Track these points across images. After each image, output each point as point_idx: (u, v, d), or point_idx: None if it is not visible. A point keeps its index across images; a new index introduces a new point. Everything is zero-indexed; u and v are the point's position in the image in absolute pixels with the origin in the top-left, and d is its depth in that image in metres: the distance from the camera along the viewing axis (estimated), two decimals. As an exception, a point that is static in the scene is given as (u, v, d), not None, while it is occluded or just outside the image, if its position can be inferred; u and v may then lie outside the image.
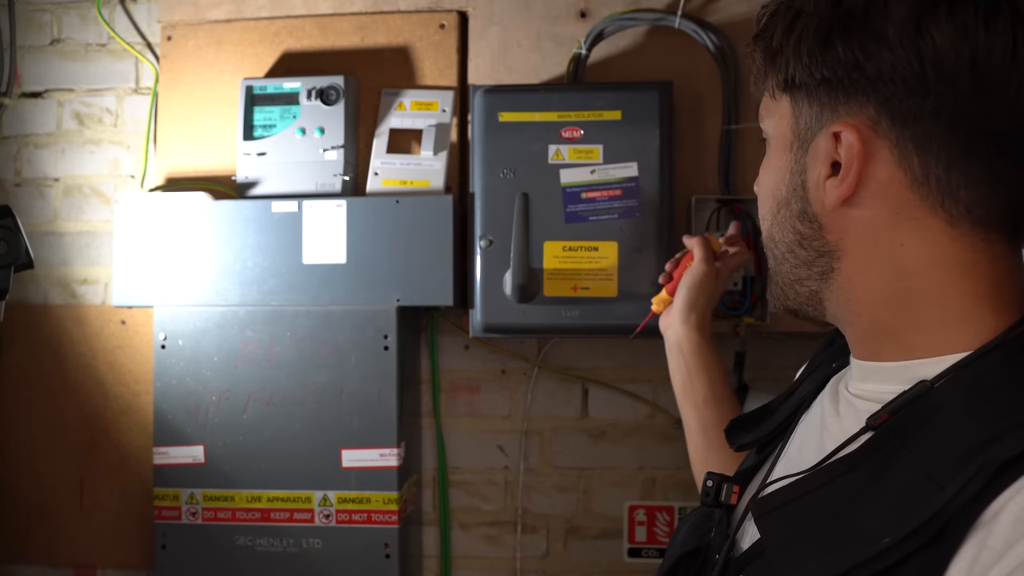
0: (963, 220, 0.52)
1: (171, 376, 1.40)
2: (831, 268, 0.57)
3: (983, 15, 0.48)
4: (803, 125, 0.56)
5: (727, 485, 0.67)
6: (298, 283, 1.37)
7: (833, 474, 0.53)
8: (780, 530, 0.53)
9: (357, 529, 1.36)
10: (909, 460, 0.49)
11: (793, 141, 0.57)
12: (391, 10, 1.48)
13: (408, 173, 1.43)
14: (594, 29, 1.41)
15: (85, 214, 1.59)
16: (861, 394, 0.59)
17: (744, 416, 0.77)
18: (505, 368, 1.52)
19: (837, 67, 0.52)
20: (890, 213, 0.53)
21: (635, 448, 1.49)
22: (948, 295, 0.53)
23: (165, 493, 1.40)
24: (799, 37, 0.54)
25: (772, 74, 0.57)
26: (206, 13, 1.50)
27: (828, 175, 0.55)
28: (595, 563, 1.50)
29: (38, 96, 1.61)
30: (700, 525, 0.69)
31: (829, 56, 0.52)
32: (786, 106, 0.58)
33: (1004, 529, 0.44)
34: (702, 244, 1.09)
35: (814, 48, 0.53)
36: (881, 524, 0.48)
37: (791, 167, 0.58)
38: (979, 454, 0.46)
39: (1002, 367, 0.51)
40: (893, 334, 0.56)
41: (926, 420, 0.51)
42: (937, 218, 0.53)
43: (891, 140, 0.52)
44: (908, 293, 0.54)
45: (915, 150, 0.51)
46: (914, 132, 0.51)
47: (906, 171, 0.52)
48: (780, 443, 0.69)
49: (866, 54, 0.51)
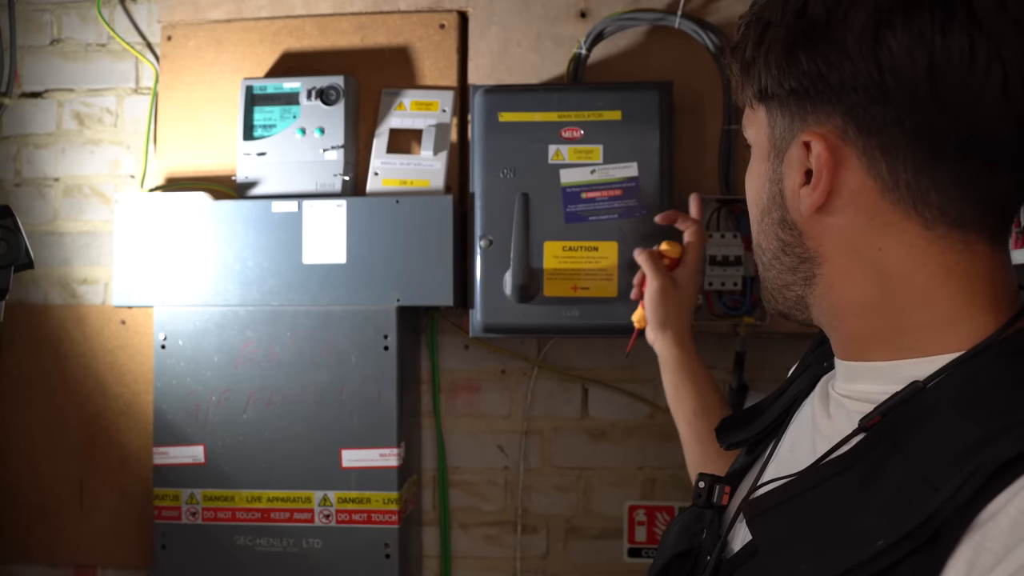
0: (938, 223, 0.52)
1: (171, 376, 1.40)
2: (813, 274, 0.58)
3: (939, 21, 0.48)
4: (778, 135, 0.57)
5: (719, 486, 0.67)
6: (298, 283, 1.37)
7: (826, 475, 0.53)
8: (772, 532, 0.53)
9: (357, 529, 1.36)
10: (903, 461, 0.49)
11: (770, 150, 0.58)
12: (391, 10, 1.48)
13: (408, 173, 1.43)
14: (594, 29, 1.41)
15: (85, 214, 1.59)
16: (850, 394, 0.59)
17: (734, 415, 0.77)
18: (505, 368, 1.52)
19: (803, 78, 0.53)
20: (864, 219, 0.54)
21: (635, 448, 1.49)
22: (933, 297, 0.53)
23: (165, 493, 1.40)
24: (768, 49, 0.54)
25: (748, 85, 0.58)
26: (206, 13, 1.50)
27: (802, 183, 0.55)
28: (595, 563, 1.50)
29: (38, 96, 1.61)
30: (691, 526, 0.69)
31: (795, 67, 0.53)
32: (763, 116, 0.58)
33: (1002, 532, 0.43)
34: (648, 260, 1.09)
35: (781, 59, 0.54)
36: (875, 526, 0.47)
37: (769, 176, 0.59)
38: (974, 455, 0.45)
39: (996, 366, 0.51)
40: (882, 336, 0.56)
41: (919, 421, 0.50)
42: (912, 222, 0.53)
43: (858, 148, 0.52)
44: (892, 297, 0.54)
45: (882, 157, 0.52)
46: (880, 140, 0.51)
47: (875, 178, 0.52)
48: (771, 443, 0.68)
49: (828, 64, 0.51)
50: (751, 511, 0.55)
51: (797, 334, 1.37)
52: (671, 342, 1.07)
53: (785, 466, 0.61)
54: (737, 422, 0.75)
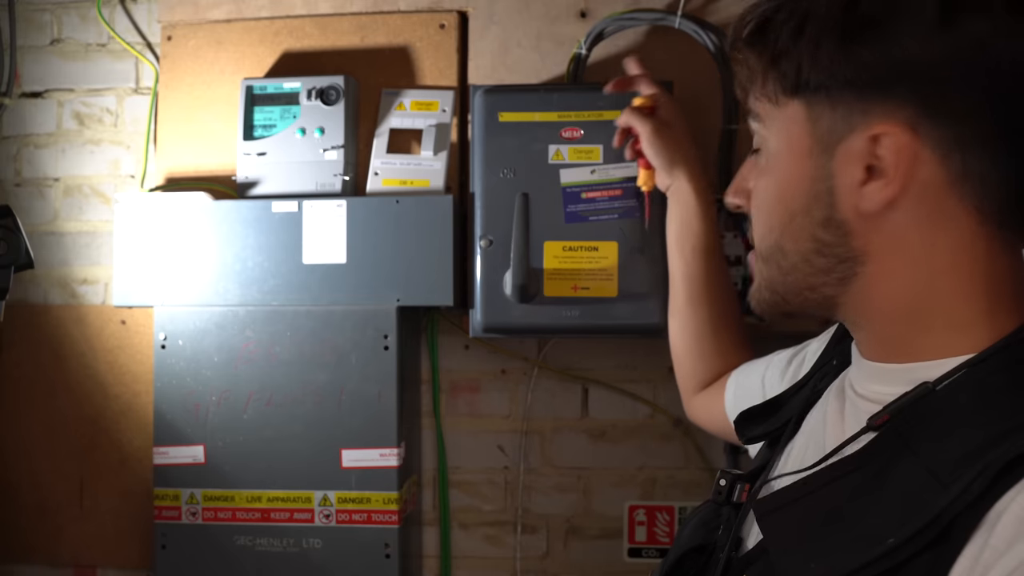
0: (992, 220, 0.52)
1: (171, 376, 1.40)
2: (853, 273, 0.56)
3: (1017, 9, 0.48)
4: (826, 128, 0.55)
5: (740, 484, 0.67)
6: (298, 283, 1.37)
7: (836, 474, 0.53)
8: (783, 530, 0.53)
9: (357, 529, 1.36)
10: (912, 460, 0.49)
11: (812, 146, 0.56)
12: (391, 10, 1.48)
13: (408, 173, 1.43)
14: (594, 29, 1.41)
15: (85, 214, 1.59)
16: (866, 395, 0.59)
17: (754, 408, 0.76)
18: (505, 368, 1.52)
19: (864, 69, 0.51)
20: (927, 213, 0.53)
21: (635, 448, 1.49)
22: (966, 295, 0.53)
23: (165, 493, 1.40)
24: (815, 40, 0.53)
25: (775, 78, 0.56)
26: (206, 13, 1.50)
27: (864, 179, 0.54)
28: (595, 563, 1.50)
29: (38, 96, 1.61)
30: (708, 521, 0.69)
31: (853, 58, 0.52)
32: (797, 111, 0.56)
33: (1006, 528, 0.43)
34: (632, 112, 1.14)
35: (835, 50, 0.52)
36: (884, 524, 0.47)
37: (811, 174, 0.56)
38: (983, 454, 0.46)
39: (1006, 369, 0.51)
40: (904, 337, 0.56)
41: (929, 421, 0.51)
42: (971, 218, 0.52)
43: (932, 139, 0.51)
44: (930, 295, 0.54)
45: (957, 149, 0.51)
46: (956, 131, 0.51)
47: (948, 170, 0.52)
48: (787, 440, 0.68)
49: (897, 53, 0.50)
50: (761, 509, 0.55)
51: (797, 334, 1.36)
52: (686, 177, 1.08)
53: (798, 464, 0.62)
54: (757, 416, 0.75)
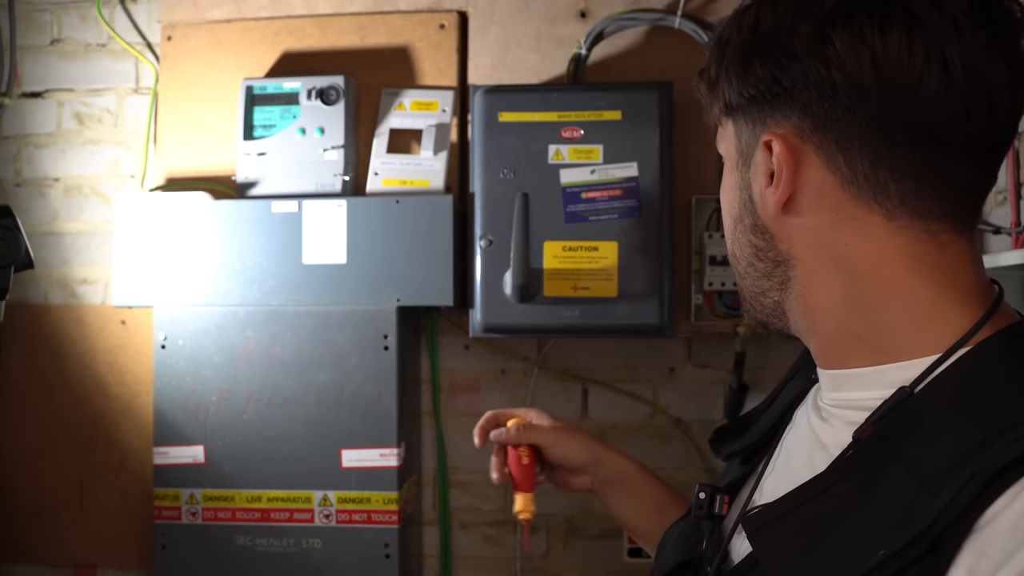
0: (900, 213, 0.53)
1: (171, 376, 1.40)
2: (788, 277, 0.59)
3: (877, 20, 0.51)
4: (743, 143, 0.60)
5: (719, 496, 0.67)
6: (298, 283, 1.37)
7: (823, 486, 0.53)
8: (774, 545, 0.53)
9: (357, 529, 1.36)
10: (899, 468, 0.49)
11: (738, 159, 0.61)
12: (391, 10, 1.48)
13: (408, 173, 1.43)
14: (594, 29, 1.41)
15: (85, 214, 1.59)
16: (837, 403, 0.59)
17: (728, 425, 0.77)
18: (505, 368, 1.52)
19: (759, 84, 0.56)
20: (829, 215, 0.55)
21: (635, 448, 1.49)
22: (902, 290, 0.54)
23: (165, 493, 1.40)
24: (727, 64, 0.58)
25: (714, 102, 0.62)
26: (206, 13, 1.50)
27: (767, 185, 0.57)
28: (595, 563, 1.50)
29: (38, 96, 1.61)
30: (689, 536, 0.70)
31: (750, 75, 0.56)
32: (730, 129, 0.61)
33: (1001, 537, 0.43)
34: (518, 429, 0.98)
35: (739, 70, 0.57)
36: (875, 536, 0.48)
37: (739, 183, 0.61)
38: (971, 460, 0.46)
39: (981, 367, 0.51)
40: (861, 338, 0.56)
41: (912, 426, 0.51)
42: (874, 214, 0.54)
43: (816, 144, 0.54)
44: (863, 294, 0.55)
45: (839, 151, 0.54)
46: (835, 134, 0.54)
47: (835, 172, 0.54)
48: (766, 454, 0.69)
49: (780, 68, 0.54)
50: (751, 525, 0.55)
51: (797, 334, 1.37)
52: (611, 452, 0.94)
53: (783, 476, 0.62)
54: (731, 432, 0.75)
